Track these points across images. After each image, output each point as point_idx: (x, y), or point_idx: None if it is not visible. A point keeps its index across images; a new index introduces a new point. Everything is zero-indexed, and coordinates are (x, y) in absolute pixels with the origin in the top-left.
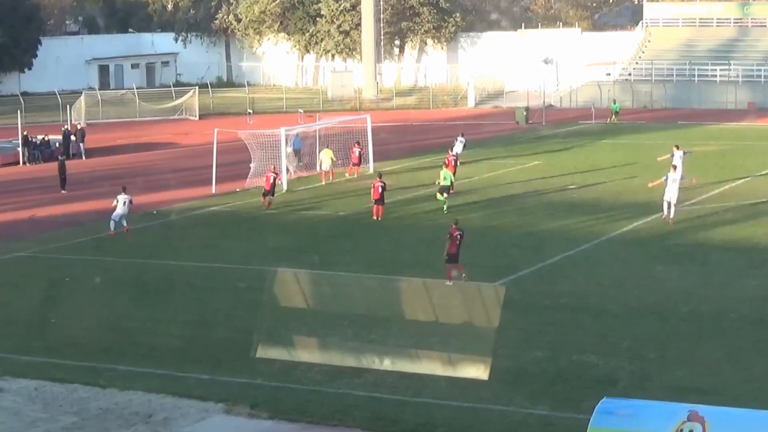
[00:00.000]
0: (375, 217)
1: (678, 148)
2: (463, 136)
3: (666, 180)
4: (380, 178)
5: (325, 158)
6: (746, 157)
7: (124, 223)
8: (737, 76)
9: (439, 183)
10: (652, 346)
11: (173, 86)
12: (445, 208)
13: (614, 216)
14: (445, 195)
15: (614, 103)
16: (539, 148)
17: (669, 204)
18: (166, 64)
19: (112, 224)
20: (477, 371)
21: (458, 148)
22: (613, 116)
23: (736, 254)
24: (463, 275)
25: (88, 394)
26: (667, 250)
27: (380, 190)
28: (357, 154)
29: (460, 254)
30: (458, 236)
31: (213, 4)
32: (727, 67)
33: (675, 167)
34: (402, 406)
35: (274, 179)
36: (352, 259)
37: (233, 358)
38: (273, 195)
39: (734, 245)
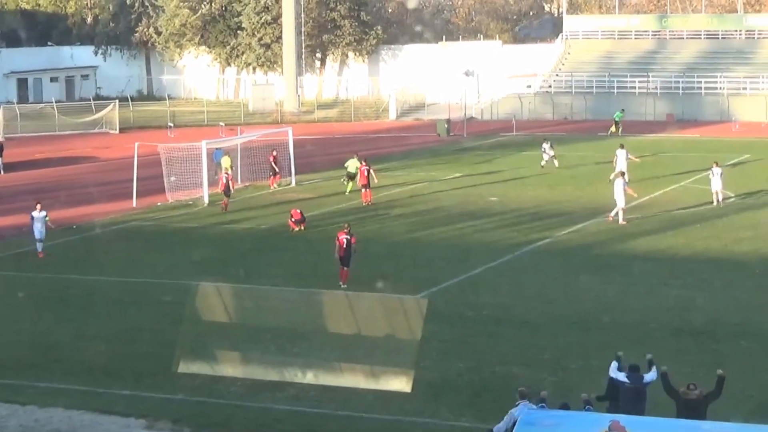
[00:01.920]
0: (296, 229)
1: (622, 147)
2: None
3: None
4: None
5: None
6: (666, 168)
7: (39, 248)
8: (656, 87)
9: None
10: (574, 357)
11: (93, 100)
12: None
13: (536, 227)
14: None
15: (620, 112)
16: (461, 160)
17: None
18: (85, 77)
19: (39, 246)
20: (400, 384)
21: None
22: (614, 127)
23: (657, 264)
24: (342, 285)
25: (8, 411)
26: (590, 260)
27: (300, 212)
28: (272, 162)
29: (350, 259)
30: (343, 241)
31: (133, 17)
32: (645, 79)
33: (623, 173)
34: (325, 419)
35: (227, 179)
36: (275, 272)
37: (155, 373)
38: (229, 196)
39: (655, 255)
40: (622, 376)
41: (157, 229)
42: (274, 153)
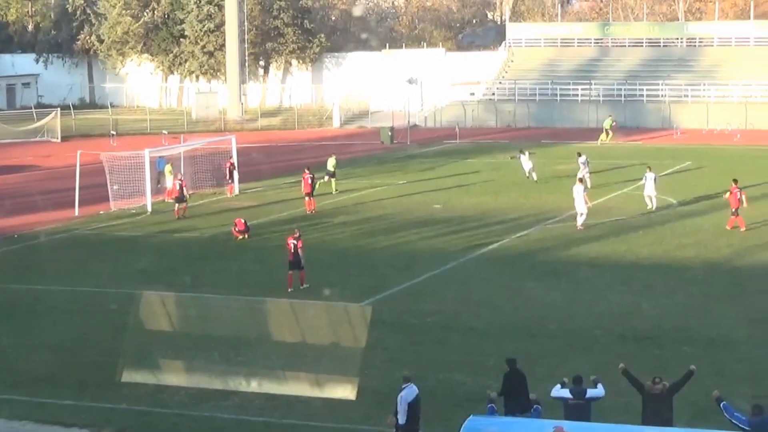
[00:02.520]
0: (240, 237)
1: (580, 154)
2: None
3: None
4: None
5: (169, 176)
6: (608, 176)
7: None
8: (598, 95)
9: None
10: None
11: (34, 108)
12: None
13: (481, 234)
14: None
15: (610, 118)
16: (405, 167)
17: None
18: (26, 85)
19: None
20: (345, 391)
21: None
22: (604, 134)
23: (601, 270)
24: (303, 286)
25: None
26: (535, 266)
27: (244, 222)
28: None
29: (300, 262)
30: (291, 245)
31: (75, 25)
32: (588, 86)
33: (581, 180)
34: (270, 428)
35: (181, 186)
36: (219, 281)
37: (99, 382)
38: (184, 202)
39: (600, 261)
40: (565, 393)
41: (100, 238)
42: (231, 160)
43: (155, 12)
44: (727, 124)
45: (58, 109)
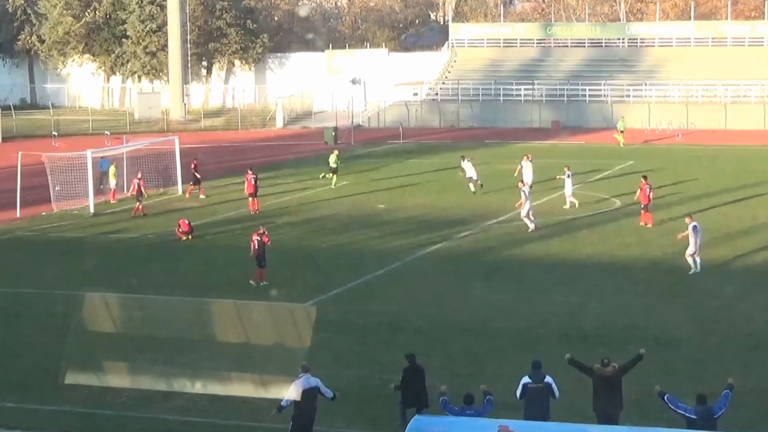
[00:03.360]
0: (184, 238)
1: (528, 158)
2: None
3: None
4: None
5: (113, 177)
6: (551, 176)
7: None
8: (541, 95)
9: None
10: (464, 363)
11: None
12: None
13: (426, 233)
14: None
15: (623, 121)
16: (349, 168)
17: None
18: None
19: None
20: (290, 392)
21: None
22: (619, 136)
23: (546, 270)
24: (262, 282)
25: None
26: (480, 266)
27: (188, 223)
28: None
29: (263, 258)
30: (255, 241)
31: (15, 24)
32: (531, 86)
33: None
34: (215, 428)
35: (139, 185)
36: (162, 282)
37: (42, 384)
38: (141, 200)
39: (544, 261)
40: (525, 379)
41: (43, 239)
42: (195, 161)
43: (97, 12)
44: (668, 123)
45: None
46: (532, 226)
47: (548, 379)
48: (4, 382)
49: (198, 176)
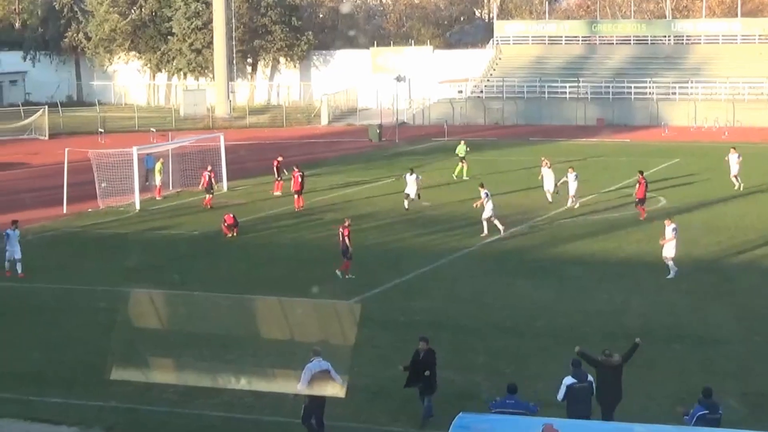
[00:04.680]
0: (229, 235)
1: (547, 164)
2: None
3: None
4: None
5: (159, 174)
6: (596, 173)
7: (19, 269)
8: (586, 92)
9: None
10: (508, 361)
11: (22, 105)
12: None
13: (469, 231)
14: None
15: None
16: (393, 165)
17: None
18: (14, 82)
19: (19, 267)
20: (334, 389)
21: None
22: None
23: (589, 268)
24: (347, 275)
25: None
26: (523, 264)
27: (233, 216)
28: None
29: (348, 250)
30: (339, 233)
31: (62, 22)
32: (576, 84)
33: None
34: (259, 425)
35: (210, 177)
36: (208, 278)
37: (87, 380)
38: (212, 193)
39: (587, 259)
40: (569, 380)
41: (88, 236)
42: (279, 159)
43: (143, 9)
44: (714, 121)
45: (46, 106)
46: (486, 230)
47: (590, 377)
48: (50, 378)
49: (279, 174)
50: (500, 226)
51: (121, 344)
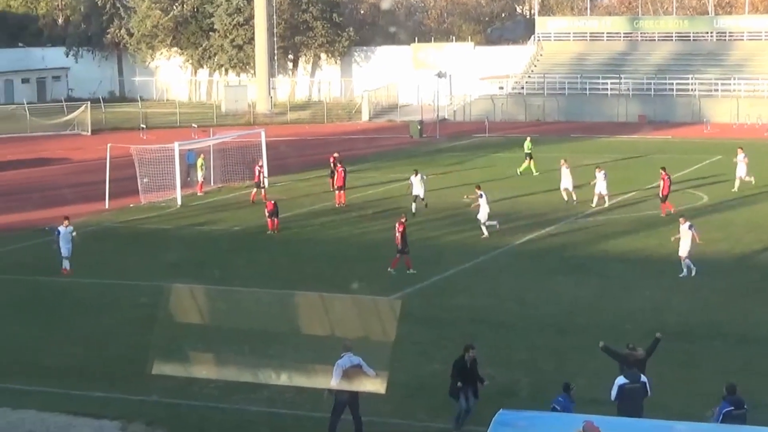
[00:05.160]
0: (270, 230)
1: (566, 163)
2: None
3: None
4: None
5: (200, 169)
6: (638, 170)
7: (66, 266)
8: (628, 89)
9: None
10: (549, 358)
11: (65, 101)
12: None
13: (511, 228)
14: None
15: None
16: (435, 161)
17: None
18: (57, 78)
19: (66, 263)
20: (374, 385)
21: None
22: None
23: (631, 265)
24: (409, 270)
25: None
26: (564, 261)
27: (273, 203)
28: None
29: (405, 245)
30: (397, 230)
31: (104, 18)
32: (617, 80)
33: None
34: (300, 420)
35: (260, 172)
36: (249, 274)
37: (128, 375)
38: (261, 187)
39: (629, 256)
40: (621, 380)
41: (130, 231)
42: (336, 155)
43: (184, 5)
44: (757, 118)
45: (88, 102)
46: (486, 232)
47: (644, 378)
48: (91, 372)
49: (335, 170)
50: (485, 232)
51: (162, 339)
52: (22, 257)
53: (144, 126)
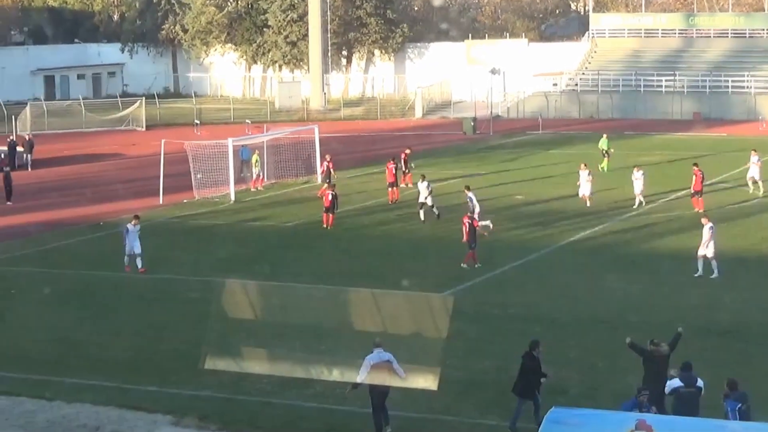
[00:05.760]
0: (325, 226)
1: (585, 167)
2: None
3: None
4: (332, 187)
5: (255, 167)
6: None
7: (139, 264)
8: (682, 86)
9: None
10: (601, 356)
11: (120, 97)
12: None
13: (562, 225)
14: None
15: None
16: (487, 158)
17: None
18: (112, 74)
19: (139, 261)
20: (426, 382)
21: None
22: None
23: (683, 263)
24: (476, 265)
25: (35, 406)
26: (616, 259)
27: (330, 198)
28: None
29: (474, 240)
30: (466, 224)
31: (159, 14)
32: (672, 77)
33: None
34: (351, 416)
35: (328, 167)
36: (301, 270)
37: (181, 369)
38: (331, 182)
39: (681, 254)
40: (676, 382)
41: (183, 226)
42: (407, 151)
43: (239, 2)
44: None
45: (143, 98)
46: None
47: (700, 382)
48: (146, 367)
49: (406, 168)
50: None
51: (215, 334)
52: (77, 251)
53: (198, 122)
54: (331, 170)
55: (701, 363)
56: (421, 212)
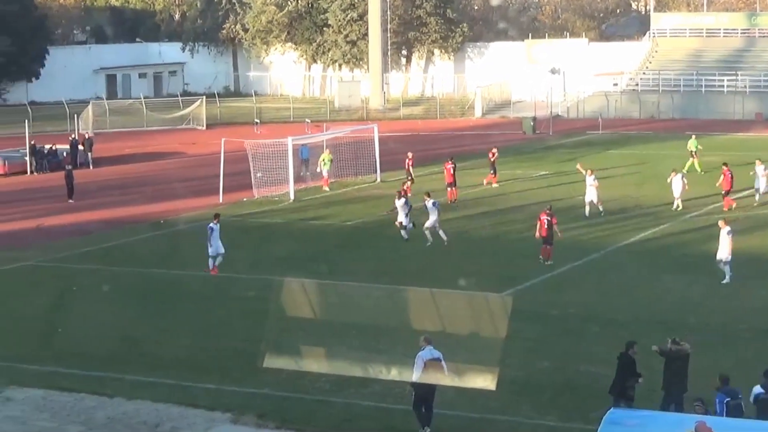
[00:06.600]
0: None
1: (591, 172)
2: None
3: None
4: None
5: (325, 163)
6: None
7: (215, 263)
8: (744, 86)
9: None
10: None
11: (180, 96)
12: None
13: (622, 226)
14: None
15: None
16: (547, 158)
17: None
18: (173, 73)
19: (218, 260)
20: (484, 381)
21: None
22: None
23: (743, 264)
24: (548, 261)
25: (95, 403)
26: (675, 260)
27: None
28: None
29: (551, 237)
30: (544, 221)
31: (220, 14)
32: (734, 77)
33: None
34: (409, 416)
35: (408, 164)
36: (359, 269)
37: (240, 367)
38: (411, 179)
39: (742, 255)
40: (757, 389)
41: (242, 225)
42: (494, 150)
43: (299, 1)
44: None
45: (204, 97)
46: (430, 239)
47: None
48: (205, 364)
49: (493, 166)
50: (444, 237)
51: (273, 332)
52: (137, 250)
53: (258, 121)
54: (411, 168)
55: (764, 365)
56: (403, 232)
